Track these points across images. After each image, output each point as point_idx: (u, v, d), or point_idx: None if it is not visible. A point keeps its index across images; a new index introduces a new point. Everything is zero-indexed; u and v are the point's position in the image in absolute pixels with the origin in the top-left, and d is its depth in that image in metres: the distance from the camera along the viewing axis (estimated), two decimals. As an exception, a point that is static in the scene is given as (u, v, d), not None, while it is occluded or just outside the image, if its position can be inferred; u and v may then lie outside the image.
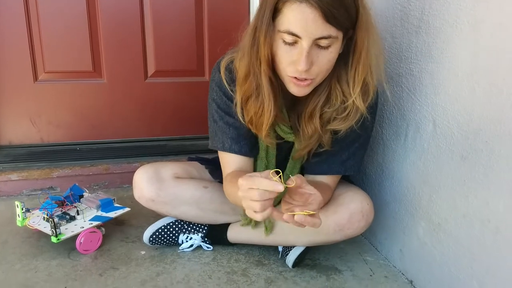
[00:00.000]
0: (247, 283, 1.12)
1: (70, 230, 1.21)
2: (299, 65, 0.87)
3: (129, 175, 1.41)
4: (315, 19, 0.82)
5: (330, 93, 0.99)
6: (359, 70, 0.93)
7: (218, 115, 1.08)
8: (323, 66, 0.90)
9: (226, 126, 1.08)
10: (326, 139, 1.04)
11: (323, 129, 1.02)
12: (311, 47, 0.85)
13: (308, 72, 0.89)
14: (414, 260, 1.15)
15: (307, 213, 0.78)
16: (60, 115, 1.81)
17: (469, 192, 0.94)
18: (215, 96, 1.08)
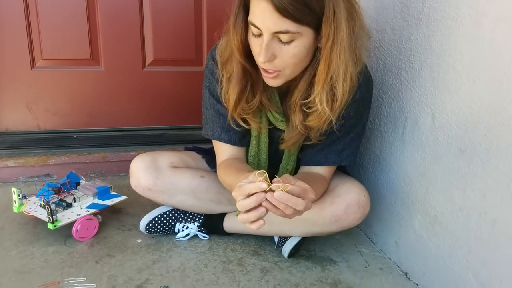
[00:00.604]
0: (243, 272, 1.13)
1: (67, 217, 1.21)
2: (260, 56, 0.88)
3: (126, 163, 1.40)
4: (271, 13, 0.82)
5: (306, 88, 0.98)
6: (320, 68, 0.90)
7: (210, 102, 1.11)
8: (287, 60, 0.90)
9: (216, 115, 1.10)
10: (314, 133, 1.03)
11: (303, 124, 1.01)
12: (272, 40, 0.86)
13: (271, 64, 0.90)
14: (409, 252, 1.16)
15: (283, 188, 0.77)
16: (57, 102, 1.80)
17: (466, 185, 0.95)
18: (207, 82, 1.10)
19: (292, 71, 0.94)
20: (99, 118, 1.86)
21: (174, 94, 1.93)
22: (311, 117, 0.98)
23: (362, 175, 1.36)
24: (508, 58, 0.83)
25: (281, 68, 0.92)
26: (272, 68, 0.91)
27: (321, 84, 0.92)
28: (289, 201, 0.77)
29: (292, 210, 0.79)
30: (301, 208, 0.79)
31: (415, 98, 1.11)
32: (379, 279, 1.14)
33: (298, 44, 0.88)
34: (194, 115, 1.93)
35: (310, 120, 0.99)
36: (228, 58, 1.00)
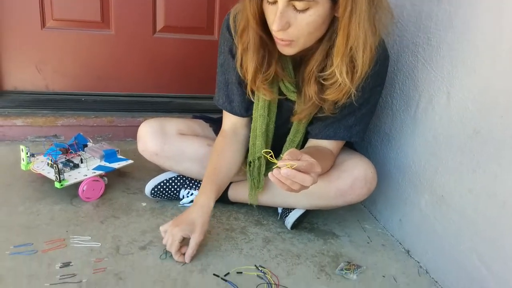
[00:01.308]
0: (245, 240, 1.13)
1: (74, 177, 1.21)
2: (274, 25, 0.86)
3: (133, 129, 1.40)
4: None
5: (322, 59, 0.96)
6: (339, 38, 0.88)
7: (222, 69, 1.11)
8: (302, 29, 0.88)
9: (225, 83, 1.11)
10: (327, 105, 1.02)
11: (318, 96, 1.00)
12: (286, 8, 0.84)
13: (285, 33, 0.88)
14: (413, 230, 1.16)
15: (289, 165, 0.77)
16: (66, 64, 1.78)
17: (478, 166, 0.94)
18: (222, 49, 1.09)
19: (307, 40, 0.92)
20: (107, 82, 1.85)
21: (184, 62, 1.90)
22: (329, 90, 0.96)
23: (370, 152, 1.35)
24: (533, 37, 0.81)
25: (295, 37, 0.90)
26: (286, 37, 0.89)
27: (340, 56, 0.90)
28: (296, 177, 0.78)
29: (299, 185, 0.80)
30: (308, 184, 0.79)
31: (431, 76, 1.09)
32: (381, 255, 1.14)
33: (314, 13, 0.85)
34: (203, 85, 1.91)
35: (328, 94, 0.97)
36: (243, 28, 0.97)
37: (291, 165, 0.77)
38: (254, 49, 0.97)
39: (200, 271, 0.99)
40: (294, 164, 0.77)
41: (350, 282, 1.02)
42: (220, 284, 0.96)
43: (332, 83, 0.95)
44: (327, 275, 1.03)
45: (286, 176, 0.78)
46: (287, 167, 0.77)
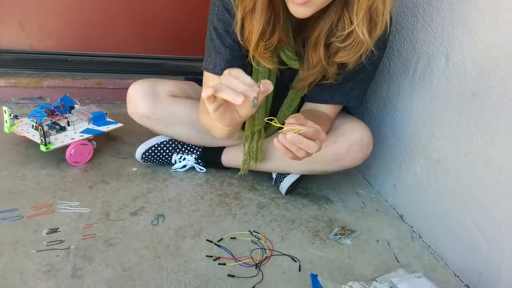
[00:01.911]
0: (239, 206, 1.12)
1: (60, 141, 1.17)
2: None
3: (122, 91, 1.35)
4: None
5: (337, 20, 0.90)
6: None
7: (216, 33, 1.00)
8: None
9: (222, 47, 1.01)
10: (332, 71, 0.97)
11: (328, 60, 0.95)
12: None
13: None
14: (407, 195, 1.15)
15: (297, 130, 0.74)
16: (51, 21, 1.70)
17: (475, 130, 0.92)
18: (216, 11, 0.99)
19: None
20: (95, 41, 1.77)
21: (176, 21, 1.83)
22: (343, 52, 0.91)
23: (365, 117, 1.32)
24: (541, -5, 0.77)
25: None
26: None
27: (363, 12, 0.84)
28: (302, 143, 0.74)
29: (304, 152, 0.76)
30: (313, 151, 0.76)
31: (430, 37, 1.05)
32: (374, 220, 1.14)
33: None
34: (196, 46, 1.82)
35: (341, 56, 0.92)
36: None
37: (298, 130, 0.74)
38: (262, 8, 0.88)
39: (193, 237, 0.98)
40: (302, 129, 0.74)
41: (344, 247, 1.01)
42: (214, 250, 0.95)
43: (349, 44, 0.90)
44: (321, 240, 1.03)
45: (292, 142, 0.74)
46: (293, 131, 0.73)
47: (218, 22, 0.99)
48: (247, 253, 0.95)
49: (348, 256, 0.98)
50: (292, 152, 0.76)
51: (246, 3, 0.90)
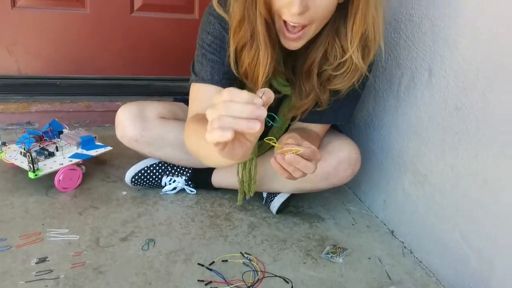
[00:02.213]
0: (230, 227, 1.12)
1: (49, 166, 1.17)
2: (293, 7, 0.79)
3: (111, 114, 1.35)
4: None
5: (328, 48, 0.92)
6: (357, 21, 0.85)
7: (211, 48, 0.98)
8: (319, 11, 0.82)
9: (219, 60, 0.98)
10: (324, 98, 0.98)
11: (321, 88, 0.96)
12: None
13: (302, 16, 0.81)
14: (397, 211, 1.15)
15: (295, 151, 0.74)
16: (39, 45, 1.71)
17: (460, 144, 0.93)
18: (211, 28, 0.97)
19: (317, 28, 0.86)
20: (83, 64, 1.78)
21: (164, 42, 1.85)
22: (338, 80, 0.93)
23: (353, 133, 1.34)
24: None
25: (311, 20, 0.83)
26: (302, 21, 0.82)
27: (357, 40, 0.86)
28: (300, 164, 0.74)
29: (301, 173, 0.77)
30: (310, 172, 0.76)
31: (413, 53, 1.06)
32: (366, 236, 1.14)
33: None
34: (183, 66, 1.83)
35: (337, 83, 0.94)
36: (240, 21, 0.88)
37: (296, 151, 0.74)
38: (266, 41, 0.87)
39: (184, 261, 0.97)
40: (300, 150, 0.74)
41: (336, 266, 1.01)
42: (205, 274, 0.94)
43: (343, 71, 0.91)
44: (313, 260, 1.02)
45: (289, 163, 0.75)
46: (292, 152, 0.74)
47: (214, 39, 0.98)
48: (239, 275, 0.94)
49: (340, 275, 0.98)
50: (289, 172, 0.77)
51: (241, 35, 0.90)
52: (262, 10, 0.84)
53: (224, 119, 0.54)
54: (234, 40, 0.92)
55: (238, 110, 0.54)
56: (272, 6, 0.84)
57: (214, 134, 0.54)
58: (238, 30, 0.90)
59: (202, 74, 0.99)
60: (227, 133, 0.53)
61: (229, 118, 0.54)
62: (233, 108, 0.54)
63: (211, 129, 0.55)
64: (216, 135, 0.54)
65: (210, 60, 0.98)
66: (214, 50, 0.98)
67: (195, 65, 1.02)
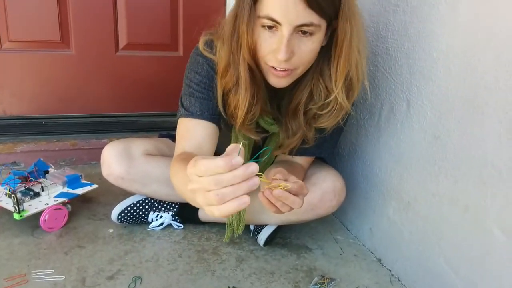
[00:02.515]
0: (218, 261, 1.11)
1: (34, 207, 1.16)
2: (279, 54, 0.81)
3: (98, 151, 1.36)
4: (296, 4, 0.77)
5: (313, 88, 0.95)
6: (341, 64, 0.88)
7: (199, 88, 0.99)
8: (304, 56, 0.85)
9: (208, 98, 0.99)
10: (311, 136, 1.01)
11: (307, 126, 0.99)
12: (291, 35, 0.80)
13: (288, 62, 0.84)
14: (383, 239, 1.16)
15: (283, 186, 0.75)
16: (25, 87, 1.72)
17: (440, 171, 0.95)
18: (200, 69, 0.99)
19: (303, 69, 0.89)
20: (69, 104, 1.79)
21: (149, 79, 1.88)
22: (324, 118, 0.96)
23: (338, 163, 1.36)
24: (483, 45, 0.83)
25: (296, 66, 0.86)
26: (288, 66, 0.85)
27: (342, 81, 0.89)
28: (288, 199, 0.76)
29: (288, 208, 0.78)
30: (297, 207, 0.77)
31: (391, 85, 1.10)
32: (353, 265, 1.14)
33: (316, 39, 0.84)
34: (169, 102, 1.88)
35: (322, 122, 0.96)
36: (227, 64, 0.91)
37: (284, 186, 0.75)
38: (247, 87, 0.89)
39: (170, 297, 0.96)
40: (288, 186, 0.76)
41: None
42: (192, 309, 0.93)
43: (328, 111, 0.94)
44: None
45: (277, 198, 0.76)
46: (280, 188, 0.75)
47: (203, 78, 0.99)
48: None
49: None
50: (276, 206, 0.78)
51: (227, 80, 0.92)
52: (246, 56, 0.86)
53: (225, 193, 0.51)
54: (221, 84, 0.94)
55: (229, 180, 0.51)
56: (256, 52, 0.86)
57: (228, 207, 0.52)
58: (225, 74, 0.92)
59: (192, 109, 0.99)
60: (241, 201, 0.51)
61: (227, 190, 0.51)
62: (225, 180, 0.51)
63: (217, 206, 0.52)
64: (231, 208, 0.52)
65: (199, 97, 0.99)
66: (203, 89, 0.99)
67: (184, 100, 1.02)
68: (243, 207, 0.52)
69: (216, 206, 0.52)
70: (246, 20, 0.83)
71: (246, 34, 0.84)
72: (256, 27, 0.84)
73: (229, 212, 0.52)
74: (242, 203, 0.51)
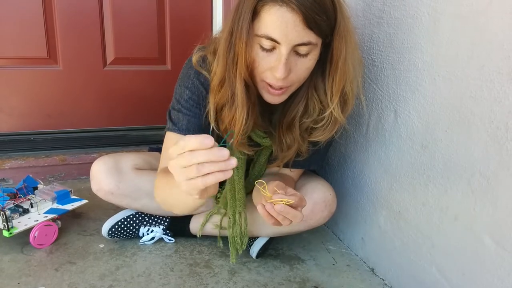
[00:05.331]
0: (210, 274, 1.11)
1: (24, 224, 1.15)
2: (277, 72, 0.82)
3: (87, 166, 1.35)
4: (296, 24, 0.78)
5: (307, 103, 0.96)
6: (336, 80, 0.90)
7: (189, 104, 0.99)
8: (301, 74, 0.87)
9: (196, 116, 1.00)
10: (304, 148, 1.02)
11: (301, 139, 1.00)
12: (289, 54, 0.82)
13: (285, 80, 0.85)
14: (375, 248, 1.17)
15: (286, 202, 0.76)
16: (13, 103, 1.71)
17: (429, 180, 0.96)
18: (190, 84, 0.99)
19: (297, 85, 0.91)
20: (57, 119, 1.79)
21: (137, 93, 1.88)
22: (319, 132, 0.97)
23: (328, 173, 1.37)
24: (466, 55, 0.85)
25: (293, 82, 0.88)
26: (285, 84, 0.86)
27: (338, 96, 0.91)
28: (289, 214, 0.77)
29: (289, 221, 0.79)
30: (298, 220, 0.78)
31: (378, 95, 1.12)
32: (346, 276, 1.15)
33: (312, 57, 0.85)
34: (158, 115, 1.89)
35: (317, 135, 0.98)
36: (222, 79, 0.91)
37: (286, 201, 0.76)
38: (243, 102, 0.90)
39: (163, 313, 0.95)
40: (291, 201, 0.76)
41: (318, 308, 1.01)
42: (185, 324, 0.92)
43: (323, 124, 0.96)
44: (294, 303, 1.02)
45: (279, 212, 0.76)
46: (282, 203, 0.75)
47: (192, 94, 0.99)
48: (221, 324, 0.93)
49: (323, 317, 0.98)
50: (278, 220, 0.79)
51: (221, 94, 0.92)
52: (243, 72, 0.86)
53: (205, 167, 0.59)
54: (214, 99, 0.94)
55: (205, 154, 0.59)
56: (253, 68, 0.87)
57: (210, 177, 0.60)
58: (219, 89, 0.93)
59: (179, 125, 1.00)
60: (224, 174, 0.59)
61: (206, 164, 0.59)
62: (201, 153, 0.59)
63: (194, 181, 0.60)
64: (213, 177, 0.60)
65: (186, 114, 1.00)
66: (191, 106, 1.00)
67: (172, 114, 1.03)
68: (225, 177, 0.59)
69: (200, 178, 0.59)
70: (244, 38, 0.83)
71: (244, 51, 0.84)
72: (253, 45, 0.84)
73: (212, 180, 0.59)
74: (224, 175, 0.59)
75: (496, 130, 0.79)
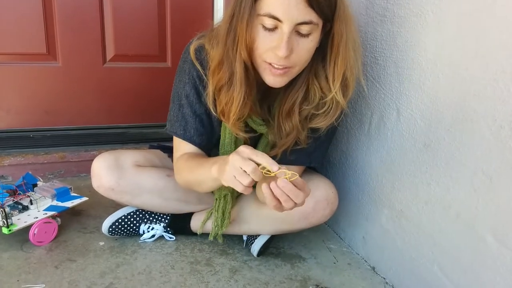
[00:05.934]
0: (211, 272, 1.10)
1: (23, 221, 1.14)
2: (280, 50, 0.83)
3: (87, 163, 1.35)
4: (298, 2, 0.80)
5: (308, 89, 0.96)
6: (338, 64, 0.90)
7: (187, 101, 1.02)
8: (302, 55, 0.87)
9: (193, 116, 1.03)
10: (303, 136, 1.01)
11: (301, 126, 0.99)
12: (291, 33, 0.83)
13: (287, 59, 0.85)
14: (376, 247, 1.17)
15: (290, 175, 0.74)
16: (11, 99, 1.70)
17: (431, 179, 0.96)
18: (187, 78, 1.01)
19: (299, 69, 0.91)
20: (57, 116, 1.78)
21: (137, 91, 1.87)
22: (320, 118, 0.98)
23: (329, 171, 1.37)
24: (470, 54, 0.84)
25: (294, 63, 0.88)
26: (287, 64, 0.87)
27: (339, 81, 0.91)
28: (291, 191, 0.76)
29: (292, 204, 0.78)
30: (299, 202, 0.78)
31: (380, 94, 1.12)
32: (347, 274, 1.14)
33: (314, 38, 0.86)
34: (158, 113, 1.88)
35: (318, 122, 0.98)
36: (219, 62, 0.92)
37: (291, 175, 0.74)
38: (241, 83, 0.91)
39: (164, 310, 0.95)
40: (296, 175, 0.75)
41: (319, 306, 1.01)
42: (187, 322, 0.92)
43: (325, 110, 0.96)
44: (295, 301, 1.02)
45: (281, 188, 0.76)
46: (286, 177, 0.74)
47: (190, 90, 1.01)
48: (222, 322, 0.93)
49: (325, 315, 0.98)
50: (278, 201, 0.78)
51: (220, 76, 0.93)
52: (243, 52, 0.88)
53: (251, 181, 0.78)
54: (213, 81, 0.95)
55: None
56: (254, 49, 0.87)
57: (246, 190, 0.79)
58: (218, 71, 0.94)
59: (176, 128, 1.05)
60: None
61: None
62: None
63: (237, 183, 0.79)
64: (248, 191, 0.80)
65: (184, 114, 1.03)
66: (190, 103, 1.02)
67: (170, 112, 1.06)
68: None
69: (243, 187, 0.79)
70: (245, 18, 0.84)
71: (245, 31, 0.85)
72: (254, 26, 0.85)
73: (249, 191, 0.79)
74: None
75: (500, 129, 0.79)
